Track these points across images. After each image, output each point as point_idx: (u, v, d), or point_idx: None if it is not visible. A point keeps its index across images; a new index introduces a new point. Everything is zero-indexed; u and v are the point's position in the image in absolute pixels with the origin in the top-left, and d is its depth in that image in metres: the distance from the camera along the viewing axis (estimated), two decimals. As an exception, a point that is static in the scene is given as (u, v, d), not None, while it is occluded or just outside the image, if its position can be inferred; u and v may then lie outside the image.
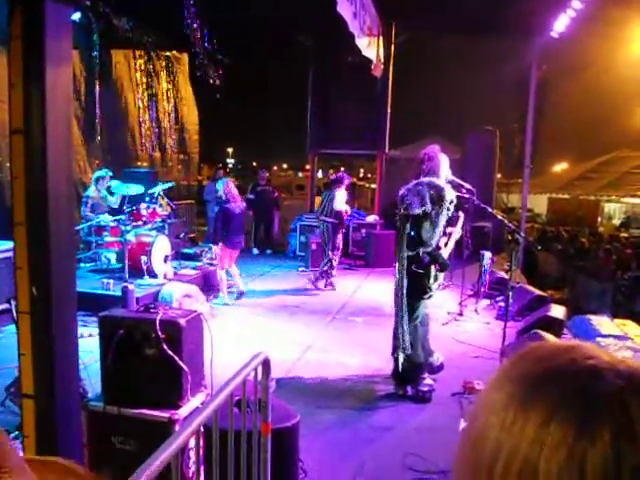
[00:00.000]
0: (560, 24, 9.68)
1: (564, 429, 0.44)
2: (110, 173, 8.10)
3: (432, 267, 4.41)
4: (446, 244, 4.65)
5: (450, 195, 4.34)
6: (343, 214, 8.49)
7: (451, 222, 4.67)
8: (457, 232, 4.80)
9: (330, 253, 8.51)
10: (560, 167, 30.38)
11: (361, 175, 40.10)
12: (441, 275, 4.64)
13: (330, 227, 8.45)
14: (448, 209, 4.33)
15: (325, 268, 8.56)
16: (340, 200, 8.40)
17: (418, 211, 4.23)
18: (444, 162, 4.45)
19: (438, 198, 4.26)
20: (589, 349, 0.50)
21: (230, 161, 54.30)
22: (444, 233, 4.58)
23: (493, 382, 0.52)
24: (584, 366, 0.48)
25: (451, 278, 8.17)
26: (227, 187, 7.31)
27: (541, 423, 0.46)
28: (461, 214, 4.87)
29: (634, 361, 0.49)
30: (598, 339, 5.77)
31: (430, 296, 4.51)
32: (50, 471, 0.62)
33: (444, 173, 4.44)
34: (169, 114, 11.57)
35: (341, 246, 8.77)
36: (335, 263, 8.65)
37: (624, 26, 8.87)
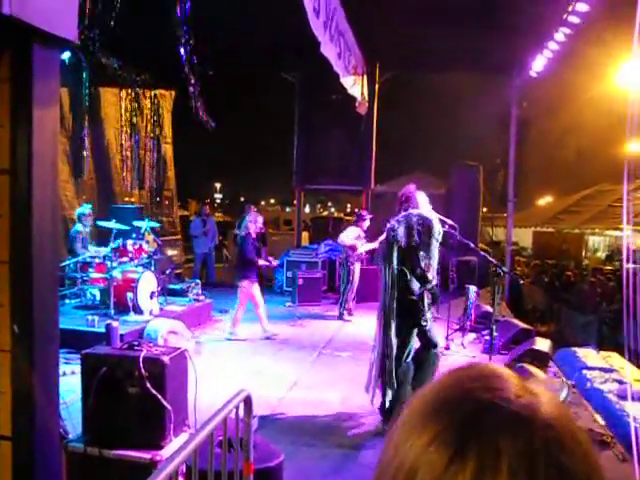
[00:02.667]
0: (538, 64, 10.00)
1: (440, 454, 0.48)
2: (91, 209, 8.10)
3: (424, 296, 4.44)
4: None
5: (438, 227, 4.43)
6: (346, 247, 8.81)
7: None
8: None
9: (343, 287, 8.96)
10: (544, 201, 30.84)
11: (348, 210, 40.37)
12: (431, 309, 4.67)
13: (344, 261, 8.97)
14: (437, 240, 4.40)
15: (344, 300, 8.93)
16: (346, 234, 8.79)
17: (406, 243, 4.30)
18: (422, 200, 4.57)
19: (426, 230, 4.34)
20: (499, 381, 0.54)
21: (218, 196, 54.50)
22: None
23: (411, 402, 0.56)
24: (476, 398, 0.51)
25: (437, 312, 8.18)
26: (256, 222, 7.42)
27: (424, 445, 0.49)
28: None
29: (543, 396, 0.52)
30: (584, 371, 5.79)
31: (426, 325, 4.52)
32: None
33: (425, 211, 4.55)
34: (151, 151, 11.68)
35: (354, 279, 9.00)
36: (347, 297, 8.92)
37: (600, 63, 9.18)
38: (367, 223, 9.01)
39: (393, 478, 0.51)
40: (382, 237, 4.96)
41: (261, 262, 7.51)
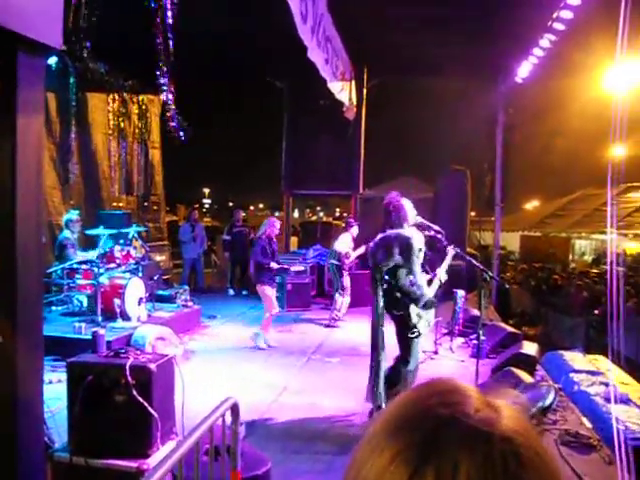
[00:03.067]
0: (523, 70, 10.10)
1: (400, 472, 0.49)
2: (78, 215, 8.03)
3: (411, 308, 4.49)
4: (430, 282, 4.73)
5: (418, 243, 4.49)
6: (342, 255, 8.87)
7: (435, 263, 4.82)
8: (443, 272, 4.86)
9: (336, 294, 8.95)
10: (531, 205, 31.13)
11: (337, 214, 40.45)
12: (430, 313, 4.70)
13: (335, 268, 8.98)
14: (417, 257, 4.46)
15: (335, 307, 8.95)
16: (341, 242, 8.90)
17: (388, 264, 4.38)
18: (409, 208, 4.62)
19: (407, 249, 4.40)
20: (460, 396, 0.54)
21: (207, 201, 54.33)
22: (427, 272, 4.71)
23: (374, 420, 0.57)
24: (434, 414, 0.52)
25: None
26: (273, 225, 7.40)
27: (386, 463, 0.50)
28: (450, 250, 4.91)
29: (504, 411, 0.53)
30: (571, 375, 5.83)
31: (418, 335, 4.56)
32: None
33: (412, 218, 4.61)
34: (138, 156, 11.63)
35: (347, 285, 9.06)
36: (340, 303, 8.94)
37: (586, 69, 9.29)
38: (355, 230, 9.09)
39: None
40: (363, 247, 5.06)
41: (274, 265, 7.39)
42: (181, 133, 8.13)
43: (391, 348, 4.75)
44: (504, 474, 0.47)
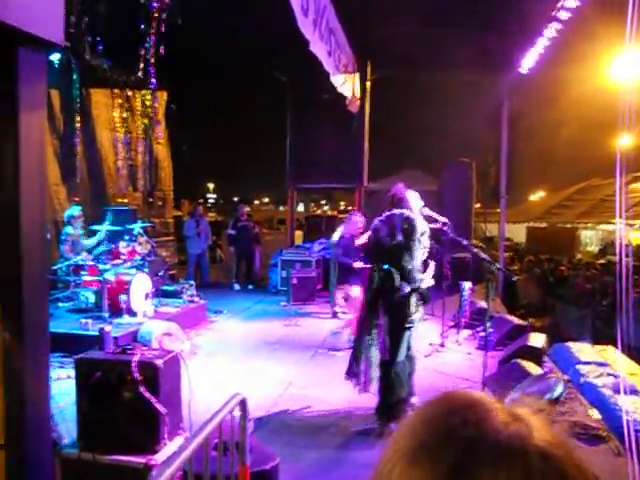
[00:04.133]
0: (529, 60, 10.01)
1: None
2: (80, 211, 8.02)
3: (412, 297, 4.42)
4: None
5: (422, 226, 4.40)
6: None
7: (431, 254, 4.71)
8: (431, 266, 4.81)
9: (334, 285, 8.85)
10: (537, 196, 30.98)
11: (342, 207, 40.41)
12: (421, 308, 4.65)
13: (335, 260, 8.91)
14: (420, 241, 4.37)
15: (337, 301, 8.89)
16: (336, 234, 8.71)
17: (390, 243, 4.29)
18: (414, 199, 4.54)
19: (410, 229, 4.32)
20: (481, 410, 0.50)
21: (211, 196, 54.41)
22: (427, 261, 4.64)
23: (398, 431, 0.53)
24: (462, 436, 0.47)
25: (432, 309, 8.20)
26: (353, 223, 7.35)
27: None
28: (431, 265, 4.83)
29: (532, 421, 0.49)
30: (578, 366, 5.81)
31: (412, 327, 4.51)
32: None
33: (416, 209, 4.53)
34: (143, 152, 11.63)
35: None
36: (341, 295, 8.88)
37: (592, 58, 9.20)
38: (356, 220, 9.03)
39: None
40: (366, 235, 4.96)
41: (358, 265, 7.14)
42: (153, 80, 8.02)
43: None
44: None
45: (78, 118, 9.81)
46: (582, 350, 6.41)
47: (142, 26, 7.46)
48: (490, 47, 9.75)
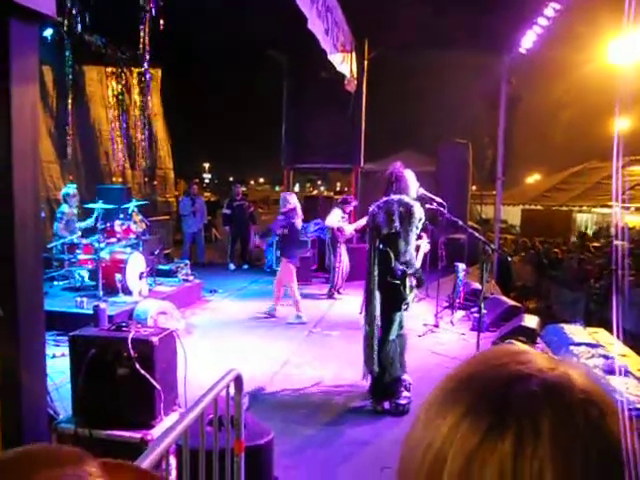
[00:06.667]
0: (527, 40, 9.92)
1: (473, 429, 0.47)
2: (75, 189, 7.96)
3: (407, 279, 4.45)
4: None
5: (419, 213, 4.42)
6: (334, 230, 8.98)
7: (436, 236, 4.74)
8: (424, 245, 4.84)
9: (336, 266, 9.11)
10: (533, 179, 30.96)
11: (338, 189, 40.32)
12: (415, 290, 4.69)
13: (329, 241, 9.31)
14: (417, 227, 4.40)
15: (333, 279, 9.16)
16: (332, 217, 8.94)
17: (387, 229, 4.31)
18: (412, 179, 4.54)
19: (408, 216, 4.33)
20: (527, 356, 0.53)
21: (207, 176, 54.13)
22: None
23: (440, 382, 0.55)
24: (508, 371, 0.50)
25: (427, 290, 8.23)
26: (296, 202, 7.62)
27: (455, 422, 0.48)
28: (424, 242, 4.86)
29: (575, 369, 0.52)
30: (571, 347, 5.86)
31: (407, 308, 4.55)
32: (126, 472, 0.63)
33: (413, 189, 4.53)
34: (141, 130, 11.52)
35: (343, 259, 9.18)
36: (337, 275, 9.09)
37: (590, 41, 9.14)
38: (351, 208, 9.12)
39: (422, 459, 0.49)
40: (364, 219, 4.97)
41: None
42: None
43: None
44: (587, 424, 0.46)
45: (71, 95, 9.70)
46: (574, 331, 6.47)
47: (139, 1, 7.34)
48: (488, 27, 9.65)
